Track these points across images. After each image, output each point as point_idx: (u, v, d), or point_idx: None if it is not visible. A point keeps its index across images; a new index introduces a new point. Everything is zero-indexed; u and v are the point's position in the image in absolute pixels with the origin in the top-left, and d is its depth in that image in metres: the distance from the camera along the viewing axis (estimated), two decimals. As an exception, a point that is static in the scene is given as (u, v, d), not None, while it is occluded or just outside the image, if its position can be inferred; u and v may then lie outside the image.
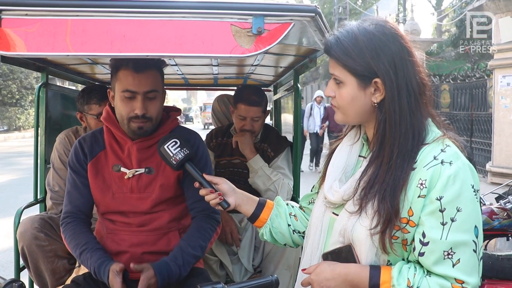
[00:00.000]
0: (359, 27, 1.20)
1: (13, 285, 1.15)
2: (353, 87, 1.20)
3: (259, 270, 2.57)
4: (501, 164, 8.68)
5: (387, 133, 1.17)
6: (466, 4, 14.44)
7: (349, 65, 1.18)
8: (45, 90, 2.55)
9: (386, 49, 1.16)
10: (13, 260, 2.34)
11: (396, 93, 1.16)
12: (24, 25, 1.13)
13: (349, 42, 1.18)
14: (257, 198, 1.52)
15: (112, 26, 1.14)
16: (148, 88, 1.67)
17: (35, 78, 19.80)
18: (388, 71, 1.15)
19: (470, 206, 1.09)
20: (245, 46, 1.15)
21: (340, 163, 1.32)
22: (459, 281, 1.08)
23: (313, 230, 1.35)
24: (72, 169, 1.82)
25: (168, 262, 1.64)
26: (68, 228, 1.77)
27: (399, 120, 1.16)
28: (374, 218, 1.13)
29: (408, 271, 1.12)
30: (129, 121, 1.70)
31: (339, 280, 1.18)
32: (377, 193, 1.14)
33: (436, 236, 1.09)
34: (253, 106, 2.57)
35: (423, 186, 1.11)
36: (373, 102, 1.20)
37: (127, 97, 1.67)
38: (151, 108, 1.70)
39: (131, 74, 1.65)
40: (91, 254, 1.66)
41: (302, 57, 2.18)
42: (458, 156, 1.13)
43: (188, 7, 1.15)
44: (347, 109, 1.24)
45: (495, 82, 8.84)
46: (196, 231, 1.76)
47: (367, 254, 1.17)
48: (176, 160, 1.52)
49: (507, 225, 3.07)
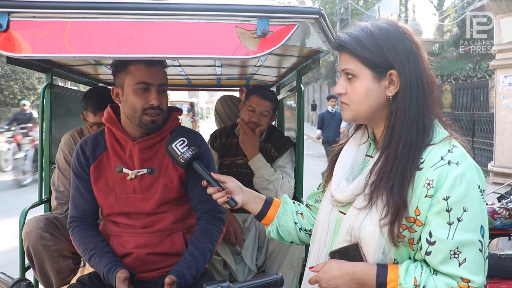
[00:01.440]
0: (373, 24, 1.23)
1: (21, 284, 1.17)
2: (368, 79, 1.20)
3: (262, 269, 2.58)
4: (503, 164, 8.68)
5: (397, 124, 1.18)
6: (467, 5, 14.42)
7: (366, 57, 1.19)
8: (50, 90, 2.56)
9: (401, 43, 1.19)
10: (17, 260, 2.36)
11: (409, 85, 1.18)
12: (32, 27, 1.14)
13: (365, 36, 1.20)
14: (264, 196, 1.53)
15: (119, 28, 1.15)
16: (161, 80, 1.73)
17: (37, 78, 19.82)
18: (403, 62, 1.18)
19: (476, 206, 1.10)
20: (250, 48, 1.16)
21: (347, 162, 1.33)
22: (465, 280, 1.09)
23: (320, 228, 1.36)
24: (75, 174, 1.83)
25: (184, 272, 1.66)
26: (75, 232, 1.79)
27: (408, 112, 1.18)
28: (383, 210, 1.14)
29: (415, 270, 1.13)
30: (143, 114, 1.71)
31: (346, 278, 1.19)
32: (386, 185, 1.15)
33: (442, 236, 1.10)
34: (264, 100, 2.63)
35: (430, 186, 1.12)
36: (388, 95, 1.21)
37: (141, 89, 1.69)
38: (163, 101, 1.74)
39: (145, 67, 1.69)
40: (100, 259, 1.69)
41: (305, 58, 2.19)
42: (465, 156, 1.14)
43: (194, 9, 1.16)
44: (360, 103, 1.23)
45: (496, 82, 8.84)
46: (204, 236, 1.78)
47: (374, 253, 1.17)
48: (184, 158, 1.53)
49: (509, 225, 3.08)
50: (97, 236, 1.80)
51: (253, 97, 2.63)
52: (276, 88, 3.68)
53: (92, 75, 3.02)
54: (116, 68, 1.74)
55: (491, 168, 8.94)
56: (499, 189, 3.82)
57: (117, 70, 1.74)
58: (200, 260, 1.72)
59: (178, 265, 1.69)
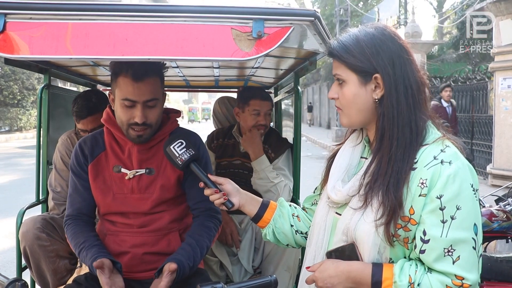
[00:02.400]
0: (360, 30, 1.28)
1: (16, 284, 1.16)
2: (355, 84, 1.25)
3: (259, 271, 2.58)
4: (502, 166, 8.67)
5: (386, 127, 1.22)
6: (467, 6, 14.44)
7: (351, 62, 1.24)
8: (48, 91, 2.57)
9: (385, 47, 1.22)
10: (14, 260, 2.36)
11: (394, 88, 1.21)
12: (28, 29, 1.15)
13: (350, 42, 1.25)
14: (260, 199, 1.55)
15: (115, 30, 1.16)
16: (148, 97, 1.67)
17: (37, 79, 19.83)
18: (386, 66, 1.21)
19: (470, 204, 1.12)
20: (245, 50, 1.16)
21: (343, 163, 1.36)
22: (459, 277, 1.10)
23: (316, 229, 1.37)
24: (73, 172, 1.83)
25: (184, 261, 1.63)
26: (69, 229, 1.79)
27: (397, 115, 1.21)
28: (379, 210, 1.16)
29: (409, 268, 1.15)
30: (128, 128, 1.70)
31: (342, 277, 1.21)
32: (381, 185, 1.17)
33: (436, 234, 1.11)
34: (266, 100, 2.66)
35: (423, 185, 1.14)
36: (374, 98, 1.24)
37: (126, 105, 1.67)
38: (151, 116, 1.70)
39: (131, 83, 1.63)
40: (87, 251, 1.67)
41: (302, 59, 2.19)
42: (457, 156, 1.16)
43: (190, 11, 1.16)
44: (350, 107, 1.28)
45: (496, 85, 8.83)
46: (202, 231, 1.78)
47: (369, 252, 1.19)
48: (182, 160, 1.54)
49: (506, 227, 3.08)
50: (90, 231, 1.79)
51: (254, 101, 2.63)
52: (274, 90, 3.69)
53: (90, 76, 3.02)
54: (111, 75, 1.73)
55: (489, 170, 8.93)
56: (497, 191, 3.82)
57: (111, 77, 1.73)
58: (198, 252, 1.71)
59: (177, 254, 1.67)
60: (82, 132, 2.45)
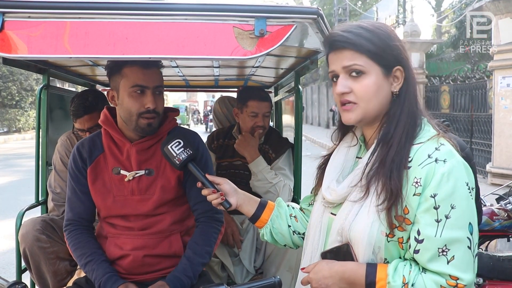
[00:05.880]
0: (367, 23, 1.25)
1: (16, 287, 1.16)
2: (379, 75, 1.21)
3: (260, 271, 2.57)
4: (501, 165, 8.68)
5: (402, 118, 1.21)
6: (466, 6, 14.45)
7: (377, 52, 1.19)
8: (46, 92, 2.55)
9: (398, 41, 1.23)
10: (13, 262, 2.35)
11: (410, 81, 1.23)
12: (27, 28, 1.13)
13: (368, 33, 1.20)
14: (258, 199, 1.54)
15: (115, 28, 1.14)
16: (157, 83, 1.70)
17: (35, 79, 19.82)
18: (408, 58, 1.24)
19: (464, 203, 1.11)
20: (247, 48, 1.15)
21: (338, 164, 1.35)
22: (454, 277, 1.09)
23: (312, 230, 1.37)
24: (72, 177, 1.81)
25: (179, 276, 1.68)
26: (71, 236, 1.78)
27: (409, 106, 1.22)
28: (381, 195, 1.15)
29: (403, 268, 1.13)
30: (139, 118, 1.69)
31: (336, 278, 1.20)
32: (387, 170, 1.16)
33: (430, 234, 1.10)
34: (264, 101, 2.63)
35: (418, 184, 1.12)
36: (394, 91, 1.23)
37: (136, 92, 1.67)
38: (159, 103, 1.72)
39: (140, 69, 1.66)
40: (97, 266, 1.70)
41: (303, 58, 2.18)
42: (452, 154, 1.15)
43: (191, 9, 1.15)
44: (369, 100, 1.21)
45: (495, 83, 8.83)
46: (201, 238, 1.78)
47: (364, 252, 1.18)
48: (180, 160, 1.53)
49: (507, 226, 3.09)
50: (93, 242, 1.79)
51: (252, 103, 2.61)
52: (274, 89, 3.67)
53: (89, 76, 3.01)
54: (111, 70, 1.72)
55: (489, 169, 8.94)
56: (497, 190, 3.83)
57: (111, 73, 1.72)
58: (197, 262, 1.72)
59: (174, 270, 1.71)
60: (79, 131, 2.45)
